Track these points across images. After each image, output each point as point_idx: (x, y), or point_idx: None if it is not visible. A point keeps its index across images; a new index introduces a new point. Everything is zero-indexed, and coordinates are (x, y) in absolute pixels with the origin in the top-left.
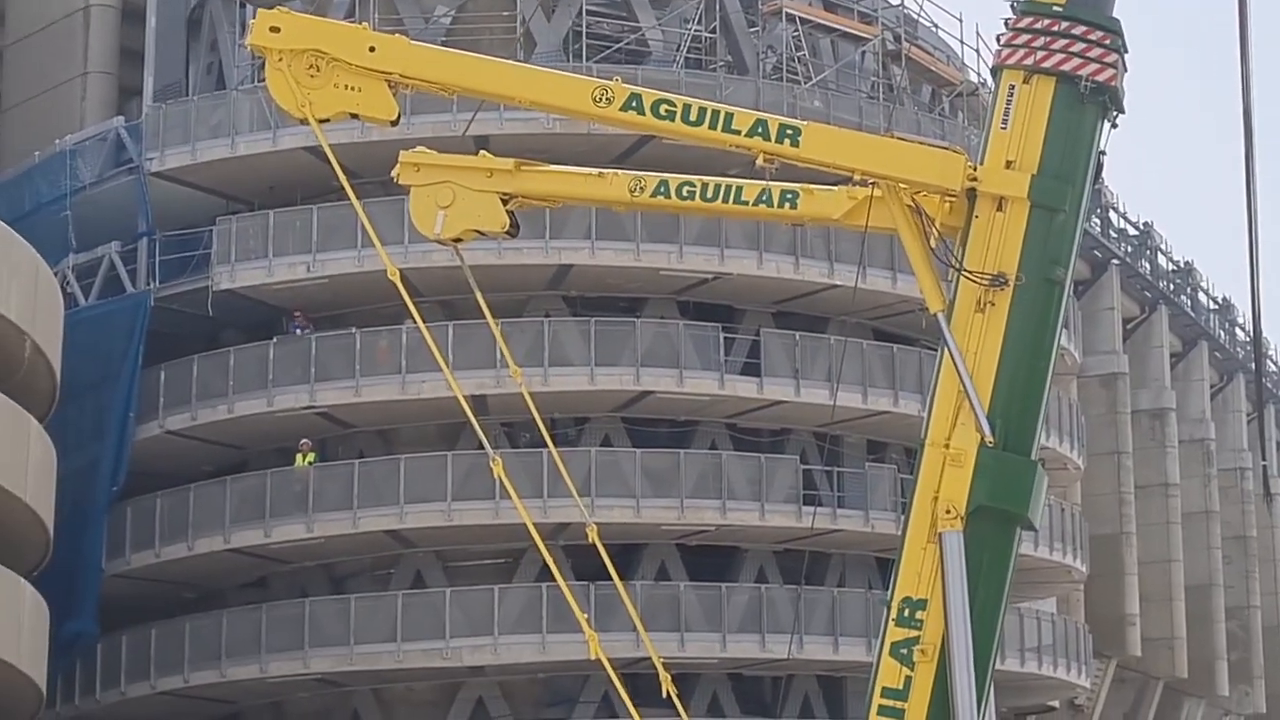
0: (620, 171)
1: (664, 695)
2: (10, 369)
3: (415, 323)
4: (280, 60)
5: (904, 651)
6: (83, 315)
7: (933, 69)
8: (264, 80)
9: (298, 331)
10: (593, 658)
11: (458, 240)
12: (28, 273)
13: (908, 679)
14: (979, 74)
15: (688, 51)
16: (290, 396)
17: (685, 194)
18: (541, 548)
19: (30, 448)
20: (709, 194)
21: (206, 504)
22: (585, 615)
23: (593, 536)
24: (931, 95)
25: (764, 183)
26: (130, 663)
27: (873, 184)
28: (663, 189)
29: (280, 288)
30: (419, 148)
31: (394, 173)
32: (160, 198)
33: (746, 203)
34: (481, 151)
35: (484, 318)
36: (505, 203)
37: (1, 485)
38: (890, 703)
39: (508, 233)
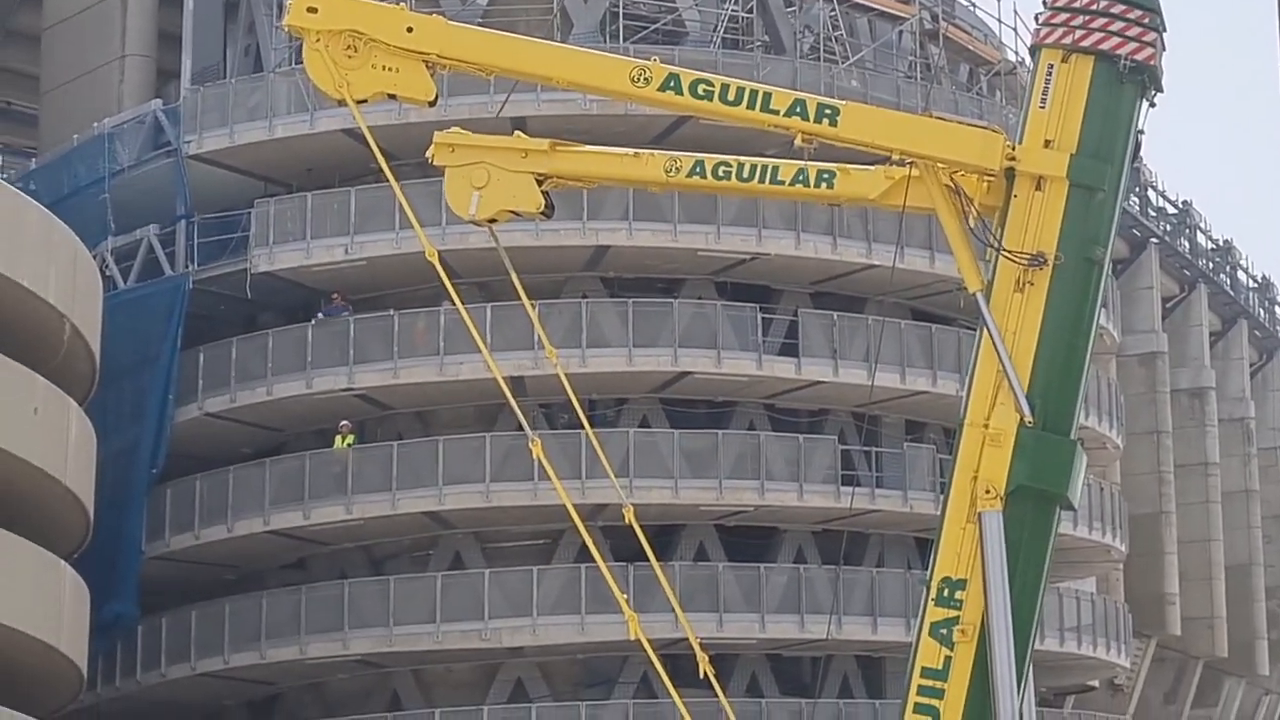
0: (656, 152)
1: (701, 676)
2: (50, 352)
3: (453, 304)
4: (318, 41)
5: (943, 631)
6: (122, 298)
7: (970, 48)
8: (301, 63)
9: (320, 315)
10: (632, 638)
11: (492, 221)
12: (67, 256)
13: (947, 659)
14: (1017, 52)
15: (725, 32)
16: (329, 378)
17: (721, 174)
18: (581, 528)
19: (70, 430)
20: (745, 174)
21: (246, 486)
22: (624, 596)
23: (629, 517)
24: (969, 74)
25: (800, 163)
26: (170, 644)
27: (910, 164)
28: (698, 169)
29: (318, 270)
30: (454, 128)
31: (429, 153)
32: (198, 180)
33: (783, 183)
34: (516, 132)
35: (521, 299)
36: (540, 183)
37: (41, 468)
38: (930, 683)
39: (543, 213)
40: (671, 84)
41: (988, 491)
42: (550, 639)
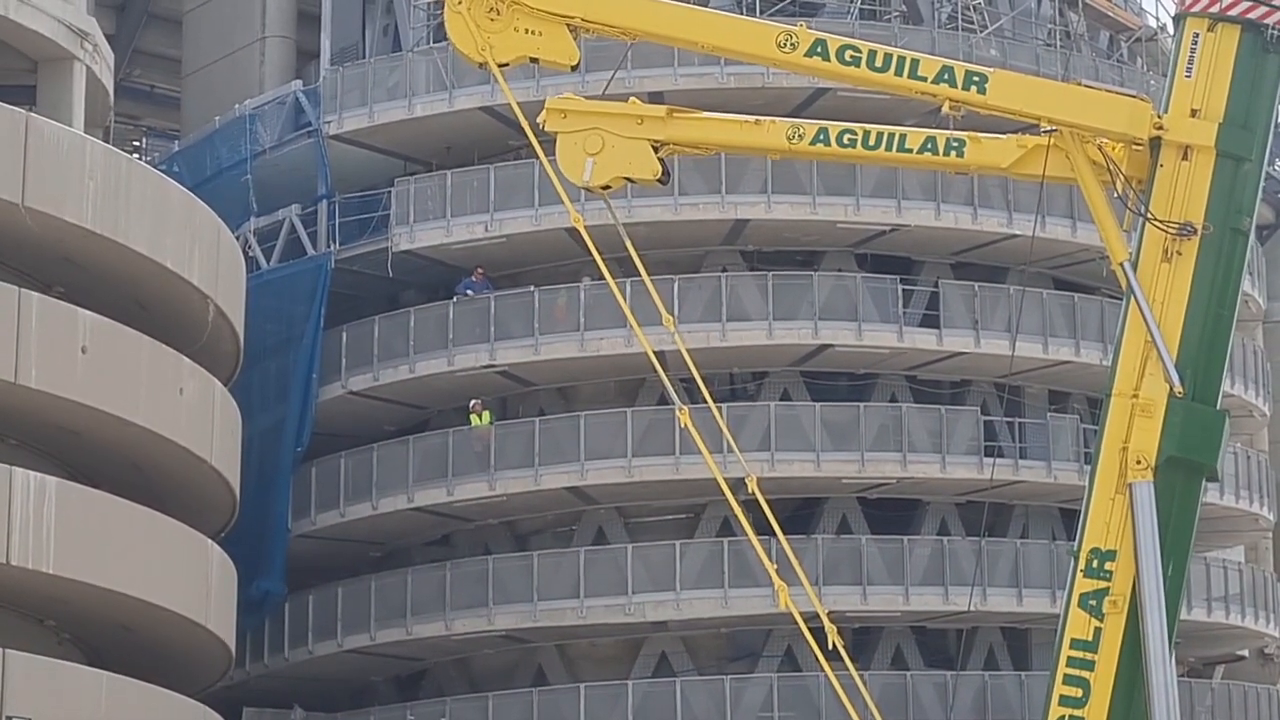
0: (777, 119)
1: (830, 647)
2: (194, 333)
3: (591, 280)
4: (460, 4)
5: (1093, 603)
6: (265, 278)
7: (1110, 14)
8: (440, 41)
9: (468, 292)
10: (781, 609)
11: (606, 188)
12: (210, 237)
13: (1097, 630)
14: (1157, 18)
15: (862, 2)
16: (470, 355)
17: (846, 141)
18: (730, 498)
19: (215, 410)
20: (871, 141)
21: (390, 463)
22: (774, 566)
23: (752, 487)
24: (1109, 41)
25: (929, 130)
26: (317, 621)
27: (1050, 132)
28: (822, 136)
29: (459, 247)
30: (567, 94)
31: (540, 119)
32: (339, 160)
33: (910, 150)
34: (632, 99)
35: (662, 273)
36: (657, 150)
37: (188, 448)
38: (1079, 654)
39: (659, 180)
40: (818, 49)
41: (1138, 462)
42: (694, 613)
